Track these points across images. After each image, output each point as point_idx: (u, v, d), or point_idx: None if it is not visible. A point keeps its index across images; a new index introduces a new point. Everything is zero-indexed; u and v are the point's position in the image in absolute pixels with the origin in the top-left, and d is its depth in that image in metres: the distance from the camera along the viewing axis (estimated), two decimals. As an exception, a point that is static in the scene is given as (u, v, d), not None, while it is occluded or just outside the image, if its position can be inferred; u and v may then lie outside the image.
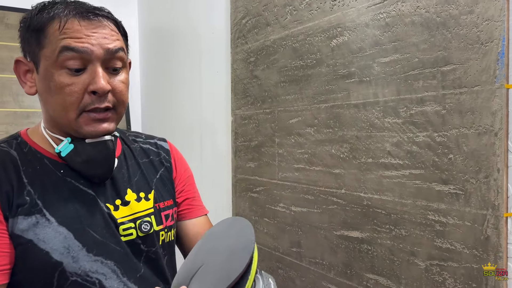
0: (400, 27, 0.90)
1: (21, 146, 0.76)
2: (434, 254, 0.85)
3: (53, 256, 0.69)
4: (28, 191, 0.70)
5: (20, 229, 0.68)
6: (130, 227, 0.78)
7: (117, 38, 0.74)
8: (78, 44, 0.68)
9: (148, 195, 0.83)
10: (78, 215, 0.73)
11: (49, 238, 0.69)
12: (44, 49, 0.70)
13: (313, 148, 1.13)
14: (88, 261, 0.71)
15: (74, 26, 0.69)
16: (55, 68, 0.70)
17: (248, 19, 1.38)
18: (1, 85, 1.90)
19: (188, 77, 1.82)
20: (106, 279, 0.72)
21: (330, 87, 1.07)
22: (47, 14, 0.71)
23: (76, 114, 0.71)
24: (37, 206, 0.70)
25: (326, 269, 1.10)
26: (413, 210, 0.88)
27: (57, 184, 0.73)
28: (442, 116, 0.83)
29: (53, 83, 0.70)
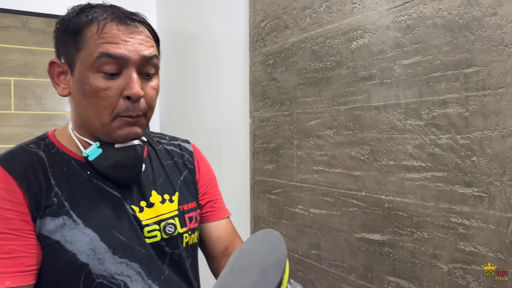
0: (421, 29, 0.90)
1: (48, 148, 0.76)
2: (457, 257, 0.84)
3: (79, 258, 0.69)
4: (55, 192, 0.71)
5: (48, 230, 0.69)
6: (154, 229, 0.78)
7: (152, 45, 0.75)
8: (116, 50, 0.69)
9: (172, 197, 0.83)
10: (104, 217, 0.73)
11: (75, 239, 0.69)
12: (81, 52, 0.71)
13: (333, 150, 1.13)
14: (113, 263, 0.71)
15: (112, 31, 0.70)
16: (91, 71, 0.70)
17: (267, 22, 1.39)
18: (25, 88, 1.95)
19: (206, 80, 1.83)
20: (131, 281, 0.73)
21: (350, 89, 1.07)
22: (85, 17, 0.71)
23: (110, 119, 0.72)
24: (64, 207, 0.70)
25: (346, 271, 1.10)
26: (435, 213, 0.88)
27: (84, 186, 0.74)
28: (465, 118, 0.82)
29: (88, 86, 0.70)
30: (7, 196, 0.67)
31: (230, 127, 1.66)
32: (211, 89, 1.79)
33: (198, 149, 0.97)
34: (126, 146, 0.76)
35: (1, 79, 1.90)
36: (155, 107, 0.79)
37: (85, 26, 0.71)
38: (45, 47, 2.00)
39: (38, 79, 1.98)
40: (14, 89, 1.93)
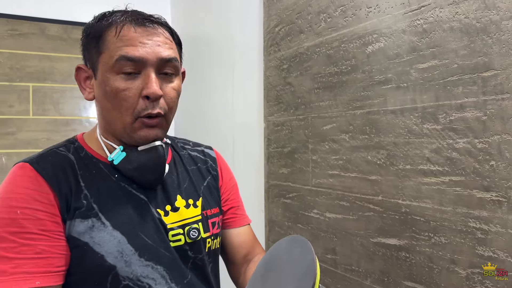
0: (438, 33, 0.90)
1: (78, 151, 0.78)
2: (476, 262, 0.83)
3: (107, 260, 0.70)
4: (85, 194, 0.72)
5: (77, 231, 0.70)
6: (179, 233, 0.79)
7: (171, 47, 0.76)
8: (134, 53, 0.71)
9: (196, 202, 0.84)
10: (131, 219, 0.74)
11: (104, 241, 0.70)
12: (102, 55, 0.73)
13: (348, 154, 1.13)
14: (140, 266, 0.72)
15: (130, 33, 0.72)
16: (112, 73, 0.72)
17: (281, 27, 1.40)
18: (43, 94, 1.99)
19: (221, 84, 1.85)
20: (155, 284, 0.73)
21: (366, 93, 1.07)
22: (106, 21, 0.74)
23: (132, 119, 0.74)
24: (93, 209, 0.72)
25: (363, 276, 1.10)
26: (453, 218, 0.87)
27: (112, 189, 0.75)
28: (483, 122, 0.82)
29: (109, 88, 0.72)
30: (39, 197, 0.68)
31: (245, 132, 1.67)
32: (225, 93, 1.81)
33: (220, 156, 0.98)
34: (148, 148, 0.77)
35: (20, 85, 1.95)
36: (176, 109, 0.80)
37: (105, 30, 0.73)
38: (63, 53, 2.03)
39: (56, 84, 2.02)
40: (33, 94, 1.96)
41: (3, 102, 1.91)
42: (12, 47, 1.94)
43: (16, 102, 1.93)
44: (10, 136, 1.91)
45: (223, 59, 1.81)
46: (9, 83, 1.92)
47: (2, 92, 1.91)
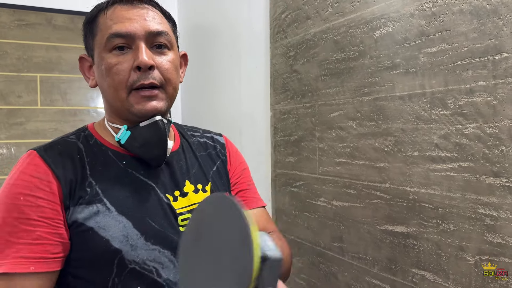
0: (447, 16, 0.88)
1: (87, 139, 0.80)
2: (485, 249, 0.82)
3: (112, 244, 0.71)
4: (89, 182, 0.73)
5: (82, 217, 0.71)
6: (188, 218, 0.79)
7: (160, 21, 0.77)
8: (122, 29, 0.74)
9: (205, 187, 0.85)
10: (137, 204, 0.75)
11: (109, 226, 0.71)
12: (96, 37, 0.77)
13: (355, 141, 1.12)
14: (146, 250, 0.73)
15: (117, 12, 0.75)
16: (105, 52, 0.75)
17: (288, 13, 1.38)
18: (50, 84, 1.99)
19: (227, 72, 1.84)
20: (162, 268, 0.74)
21: (373, 79, 1.06)
22: (98, 7, 0.78)
23: (126, 93, 0.75)
24: (98, 195, 0.73)
25: (370, 264, 1.09)
26: (462, 204, 0.86)
27: (119, 175, 0.76)
28: (493, 106, 0.80)
29: (104, 66, 0.75)
30: (41, 185, 0.70)
31: (251, 120, 1.66)
32: (231, 82, 1.80)
33: (230, 141, 0.99)
34: (149, 124, 0.77)
35: (28, 76, 1.95)
36: (177, 87, 0.80)
37: (96, 15, 0.77)
38: (70, 43, 2.03)
39: (63, 75, 2.02)
40: (40, 85, 1.97)
41: (11, 92, 1.92)
42: (19, 37, 1.94)
43: (24, 93, 1.94)
44: (18, 127, 1.92)
45: (229, 48, 1.80)
46: (16, 74, 1.93)
47: (10, 82, 1.92)
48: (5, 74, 1.91)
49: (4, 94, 1.90)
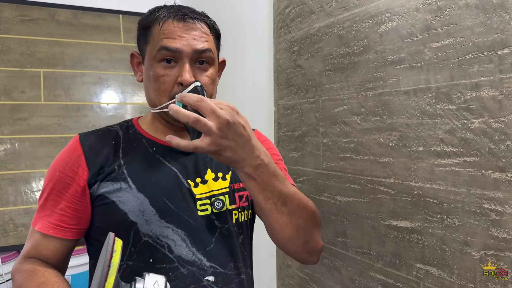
0: (453, 11, 0.87)
1: (128, 128, 0.91)
2: (490, 244, 0.82)
3: (129, 217, 0.80)
4: (119, 162, 0.84)
5: (107, 191, 0.82)
6: (206, 203, 0.86)
7: (207, 40, 0.84)
8: (172, 44, 0.81)
9: (225, 175, 0.90)
10: (157, 185, 0.83)
11: (128, 201, 0.81)
12: (148, 45, 0.85)
13: (360, 137, 1.12)
14: (159, 226, 0.81)
15: (170, 27, 0.82)
16: (154, 61, 0.83)
17: (292, 8, 1.38)
18: (54, 80, 1.99)
19: (231, 68, 1.83)
20: (175, 245, 0.81)
21: (378, 74, 1.05)
22: (153, 15, 0.85)
23: (167, 100, 0.83)
24: (123, 174, 0.83)
25: (374, 259, 1.09)
26: (467, 199, 0.86)
27: (146, 159, 0.86)
28: (499, 101, 0.80)
29: (152, 73, 0.83)
30: (73, 166, 0.83)
31: (255, 116, 1.65)
32: (235, 77, 1.79)
33: (259, 133, 1.02)
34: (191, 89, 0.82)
35: (31, 71, 1.95)
36: (213, 97, 0.88)
37: (152, 23, 0.84)
38: (73, 38, 2.03)
39: (66, 70, 2.02)
40: (44, 80, 1.97)
41: (15, 87, 1.92)
42: (22, 32, 1.94)
43: (28, 88, 1.94)
44: (22, 122, 1.92)
45: (233, 43, 1.80)
46: (20, 69, 1.93)
47: (13, 78, 1.92)
48: (9, 70, 1.91)
49: (8, 90, 1.90)
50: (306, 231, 0.80)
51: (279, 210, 0.76)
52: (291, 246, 0.82)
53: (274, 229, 0.79)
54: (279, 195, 0.74)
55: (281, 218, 0.76)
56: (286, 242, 0.81)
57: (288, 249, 0.84)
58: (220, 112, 0.64)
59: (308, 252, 0.83)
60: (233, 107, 0.67)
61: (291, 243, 0.80)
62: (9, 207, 1.89)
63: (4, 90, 1.90)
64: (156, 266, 0.80)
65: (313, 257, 0.85)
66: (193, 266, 0.81)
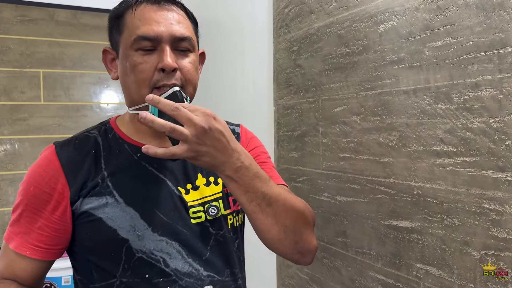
0: (452, 10, 0.87)
1: (107, 132, 0.84)
2: (490, 243, 0.82)
3: (119, 233, 0.75)
4: (102, 174, 0.78)
5: (92, 207, 0.76)
6: (199, 210, 0.81)
7: (185, 26, 0.79)
8: (149, 32, 0.75)
9: (217, 179, 0.86)
10: (146, 197, 0.78)
11: (116, 216, 0.76)
12: (122, 34, 0.78)
13: (359, 136, 1.12)
14: (153, 240, 0.76)
15: (145, 13, 0.76)
16: (131, 50, 0.76)
17: (291, 7, 1.38)
18: (53, 80, 1.99)
19: (230, 68, 1.83)
20: (170, 259, 0.77)
21: (378, 73, 1.05)
22: (125, 3, 0.79)
23: (148, 90, 0.76)
24: (108, 188, 0.77)
25: (374, 259, 1.09)
26: (466, 199, 0.86)
27: (132, 167, 0.79)
28: (498, 101, 0.79)
29: (129, 63, 0.77)
30: (50, 181, 0.76)
31: (254, 115, 1.65)
32: (234, 77, 1.79)
33: (246, 131, 0.98)
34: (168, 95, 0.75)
35: (31, 71, 1.95)
36: (196, 86, 0.82)
37: (124, 11, 0.79)
38: (72, 39, 2.03)
39: (66, 70, 2.02)
40: (43, 80, 1.97)
41: (14, 88, 1.92)
42: (22, 33, 1.94)
43: (27, 88, 1.94)
44: (22, 122, 1.92)
45: (233, 43, 1.79)
46: (19, 69, 1.93)
47: (13, 78, 1.92)
48: (8, 70, 1.91)
49: (7, 90, 1.91)
50: (295, 231, 0.76)
51: (263, 211, 0.73)
52: (280, 246, 0.78)
53: (260, 230, 0.76)
54: (262, 196, 0.72)
55: (267, 219, 0.73)
56: (274, 243, 0.77)
57: (277, 250, 0.80)
58: (196, 119, 0.63)
59: (299, 252, 0.79)
60: (210, 113, 0.65)
61: (280, 244, 0.76)
62: (9, 207, 1.89)
63: (3, 90, 1.90)
64: (153, 281, 0.76)
65: (306, 257, 0.81)
66: (190, 278, 0.78)
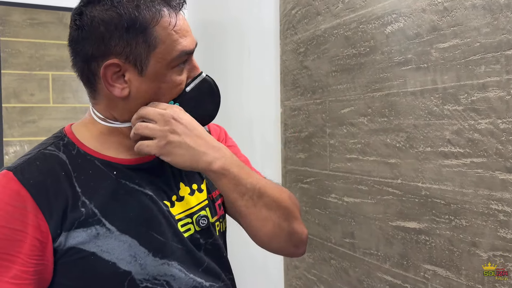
0: (459, 11, 0.87)
1: (68, 148, 0.70)
2: (498, 244, 0.82)
3: (120, 266, 0.66)
4: (82, 201, 0.66)
5: (80, 242, 0.65)
6: (187, 223, 0.75)
7: None
8: (190, 46, 0.70)
9: (200, 186, 0.80)
10: (138, 219, 0.69)
11: (112, 248, 0.66)
12: (156, 50, 0.66)
13: (367, 137, 1.12)
14: (155, 266, 0.69)
15: (180, 25, 0.69)
16: (168, 68, 0.68)
17: (298, 9, 1.38)
18: (62, 82, 2.02)
19: (238, 69, 1.84)
20: (174, 280, 0.71)
21: (385, 75, 1.06)
22: (147, 9, 0.66)
23: None
24: (95, 216, 0.66)
25: (381, 260, 1.09)
26: (474, 200, 0.86)
27: (112, 189, 0.69)
28: (506, 102, 0.79)
29: (166, 84, 0.69)
30: (19, 215, 0.62)
31: (261, 117, 1.66)
32: (242, 79, 1.80)
33: (214, 127, 0.94)
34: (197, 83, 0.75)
35: (40, 74, 1.97)
36: None
37: (153, 21, 0.66)
38: (81, 41, 2.05)
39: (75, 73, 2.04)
40: (52, 83, 1.99)
41: (24, 90, 1.94)
42: (31, 36, 1.96)
43: (37, 91, 1.96)
44: (31, 124, 1.95)
45: (240, 44, 1.80)
46: (29, 72, 1.95)
47: (22, 81, 1.94)
48: (18, 73, 1.93)
49: (17, 92, 1.93)
50: (288, 221, 0.74)
51: (256, 205, 0.70)
52: (275, 241, 0.75)
53: (254, 227, 0.73)
54: (252, 187, 0.69)
55: (260, 213, 0.71)
56: (269, 239, 0.74)
57: (273, 246, 0.77)
58: (162, 111, 0.65)
59: (294, 245, 0.77)
60: (176, 106, 0.67)
61: (275, 238, 0.73)
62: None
63: (13, 93, 1.92)
64: None
65: (300, 248, 0.78)
66: None
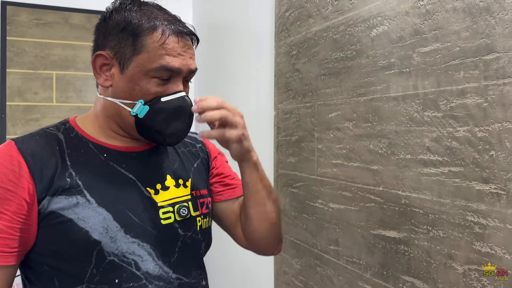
0: (441, 14, 0.84)
1: (68, 131, 0.79)
2: (473, 258, 0.78)
3: (92, 235, 0.71)
4: (70, 173, 0.74)
5: (61, 207, 0.71)
6: (169, 211, 0.80)
7: (194, 58, 0.80)
8: (174, 64, 0.75)
9: (186, 182, 0.85)
10: (118, 197, 0.75)
11: (88, 217, 0.72)
12: (139, 56, 0.74)
13: (352, 143, 1.09)
14: (125, 242, 0.74)
15: (173, 45, 0.75)
16: (146, 76, 0.74)
17: (291, 11, 1.36)
18: (66, 82, 2.05)
19: (232, 72, 1.83)
20: (142, 261, 0.75)
21: (369, 79, 1.03)
22: (147, 22, 0.75)
23: None
24: (78, 187, 0.73)
25: (363, 269, 1.06)
26: (451, 210, 0.82)
27: (99, 167, 0.76)
28: (483, 109, 0.76)
29: (139, 88, 0.75)
30: (12, 177, 0.70)
31: (255, 120, 1.64)
32: (236, 81, 1.79)
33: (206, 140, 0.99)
34: (173, 99, 0.77)
35: (45, 73, 2.01)
36: None
37: (146, 32, 0.74)
38: (86, 41, 2.08)
39: (78, 72, 2.07)
40: (56, 82, 2.02)
41: (28, 89, 1.98)
42: (37, 36, 2.00)
43: (40, 90, 2.00)
44: (34, 122, 1.98)
45: (236, 47, 1.80)
46: (33, 71, 1.99)
47: (27, 79, 1.98)
48: (23, 72, 1.97)
49: (21, 91, 1.97)
50: (280, 217, 0.90)
51: (269, 197, 0.85)
52: (271, 234, 0.88)
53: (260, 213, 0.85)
54: (268, 183, 0.86)
55: (269, 205, 0.85)
56: (266, 231, 0.87)
57: (264, 242, 0.89)
58: (236, 110, 0.79)
59: (279, 240, 0.92)
60: None
61: (272, 231, 0.87)
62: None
63: (18, 91, 1.96)
64: (123, 286, 0.73)
65: (280, 244, 0.93)
66: (160, 281, 0.76)
